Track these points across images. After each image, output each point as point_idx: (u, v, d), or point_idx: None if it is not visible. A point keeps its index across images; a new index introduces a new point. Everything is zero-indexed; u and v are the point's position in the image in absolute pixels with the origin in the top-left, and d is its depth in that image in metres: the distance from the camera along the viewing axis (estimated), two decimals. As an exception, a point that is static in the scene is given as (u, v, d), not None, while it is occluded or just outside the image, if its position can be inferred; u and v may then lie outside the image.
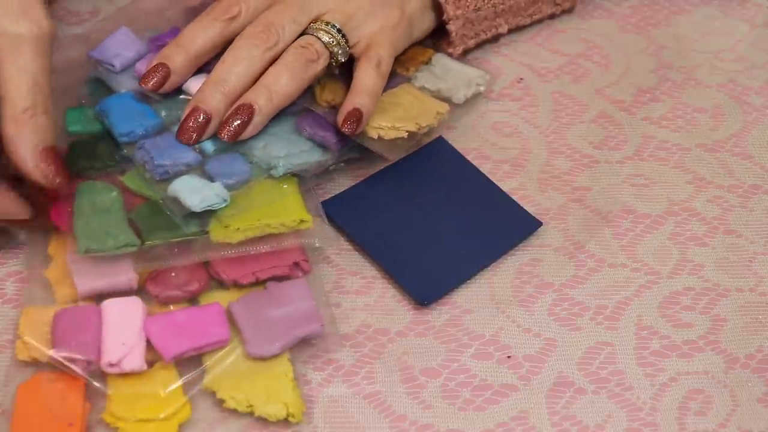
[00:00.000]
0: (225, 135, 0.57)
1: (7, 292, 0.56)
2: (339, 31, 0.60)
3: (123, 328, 0.52)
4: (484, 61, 0.71)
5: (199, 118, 0.57)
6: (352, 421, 0.52)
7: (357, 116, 0.58)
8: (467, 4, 0.66)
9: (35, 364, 0.52)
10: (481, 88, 0.66)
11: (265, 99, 0.57)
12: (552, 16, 0.74)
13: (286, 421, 0.51)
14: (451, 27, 0.66)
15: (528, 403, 0.53)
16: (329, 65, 0.60)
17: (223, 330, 0.53)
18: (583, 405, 0.53)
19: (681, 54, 0.73)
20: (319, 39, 0.60)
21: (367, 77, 0.60)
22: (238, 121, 0.57)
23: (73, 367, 0.51)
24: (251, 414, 0.51)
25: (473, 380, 0.54)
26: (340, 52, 0.60)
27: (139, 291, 0.55)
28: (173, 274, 0.55)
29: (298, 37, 0.60)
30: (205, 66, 0.61)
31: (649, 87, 0.70)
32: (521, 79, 0.70)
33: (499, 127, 0.67)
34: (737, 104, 0.70)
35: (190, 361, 0.53)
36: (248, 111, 0.57)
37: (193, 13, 0.67)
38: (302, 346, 0.54)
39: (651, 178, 0.65)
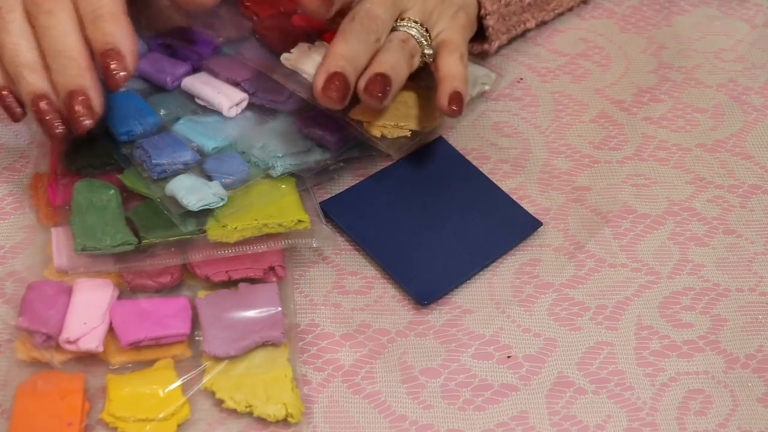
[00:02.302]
0: (372, 99, 0.56)
1: (7, 292, 0.56)
2: (422, 26, 0.60)
3: (88, 308, 0.53)
4: (484, 60, 0.71)
5: (339, 83, 0.55)
6: (352, 421, 0.52)
7: (459, 98, 0.59)
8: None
9: (35, 363, 0.52)
10: (486, 87, 0.67)
11: (392, 77, 0.57)
12: (571, 9, 0.75)
13: (285, 422, 0.51)
14: (489, 22, 0.67)
15: (528, 403, 0.53)
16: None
17: (184, 324, 0.53)
18: (583, 405, 0.53)
19: (681, 54, 0.73)
20: (411, 35, 0.60)
21: (456, 65, 0.60)
22: (380, 90, 0.56)
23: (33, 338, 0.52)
24: (250, 414, 0.51)
25: (473, 380, 0.54)
26: (426, 45, 0.60)
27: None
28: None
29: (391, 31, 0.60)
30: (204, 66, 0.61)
31: (649, 87, 0.70)
32: (521, 79, 0.70)
33: (499, 127, 0.67)
34: (737, 104, 0.70)
35: (189, 361, 0.53)
36: (387, 81, 0.57)
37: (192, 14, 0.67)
38: (302, 346, 0.54)
39: (651, 178, 0.65)
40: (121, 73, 0.51)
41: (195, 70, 0.63)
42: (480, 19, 0.67)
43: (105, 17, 0.51)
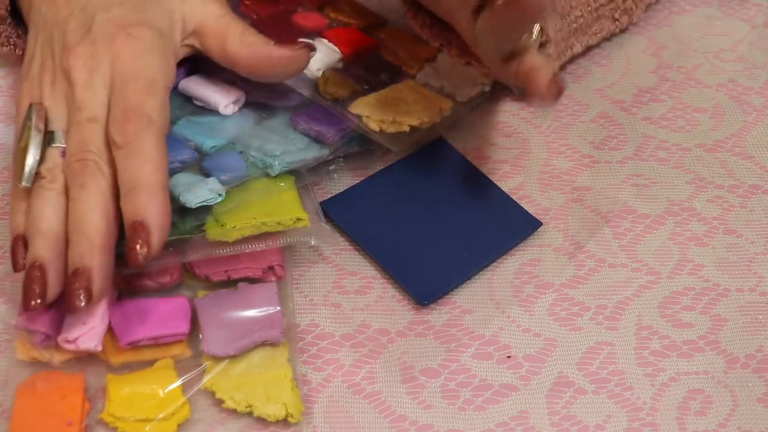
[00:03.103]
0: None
1: (6, 292, 0.56)
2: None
3: (87, 307, 0.52)
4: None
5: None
6: (352, 421, 0.52)
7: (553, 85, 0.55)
8: (554, 24, 0.65)
9: (35, 363, 0.52)
10: (487, 88, 0.66)
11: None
12: (612, 35, 0.73)
13: (285, 422, 0.51)
14: (549, 50, 0.63)
15: (528, 403, 0.53)
16: None
17: (184, 324, 0.53)
18: (583, 405, 0.53)
19: (681, 54, 0.73)
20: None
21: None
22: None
23: (32, 337, 0.51)
24: (250, 414, 0.51)
25: (473, 380, 0.54)
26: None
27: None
28: None
29: None
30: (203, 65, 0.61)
31: (649, 87, 0.70)
32: (521, 79, 0.70)
33: (499, 127, 0.67)
34: (737, 104, 0.70)
35: (189, 361, 0.53)
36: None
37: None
38: (302, 346, 0.54)
39: (651, 178, 0.65)
40: (143, 248, 0.49)
41: (192, 71, 0.63)
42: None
43: (140, 189, 0.50)
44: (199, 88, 0.61)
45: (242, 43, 0.57)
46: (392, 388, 0.53)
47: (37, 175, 0.52)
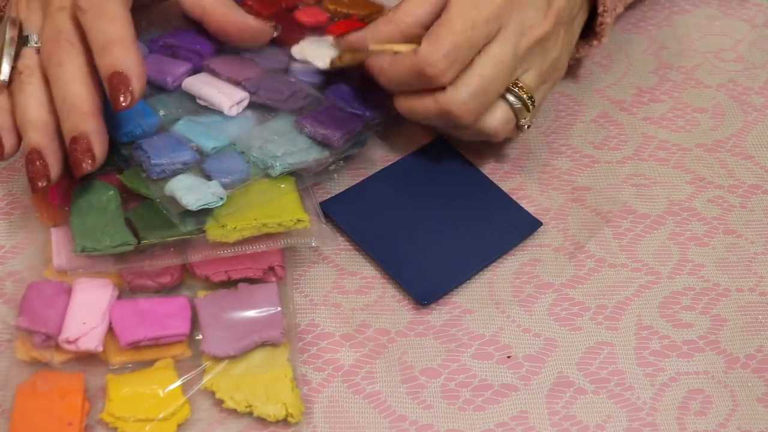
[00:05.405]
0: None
1: (6, 292, 0.56)
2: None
3: (88, 308, 0.53)
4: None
5: None
6: (352, 421, 0.52)
7: None
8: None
9: (35, 363, 0.52)
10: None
11: None
12: None
13: (285, 422, 0.51)
14: (606, 19, 0.65)
15: (528, 403, 0.53)
16: None
17: (184, 324, 0.53)
18: (583, 405, 0.53)
19: (681, 54, 0.73)
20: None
21: None
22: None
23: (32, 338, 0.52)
24: (250, 414, 0.51)
25: (473, 380, 0.54)
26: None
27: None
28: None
29: None
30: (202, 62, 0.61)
31: (649, 87, 0.70)
32: (521, 79, 0.70)
33: (499, 127, 0.67)
34: (737, 104, 0.70)
35: (189, 361, 0.53)
36: None
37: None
38: (302, 346, 0.54)
39: (651, 178, 0.65)
40: (127, 95, 0.52)
41: (196, 70, 0.63)
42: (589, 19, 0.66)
43: (112, 45, 0.52)
44: (203, 87, 0.61)
45: (223, 3, 0.60)
46: (392, 388, 0.53)
47: (15, 71, 0.55)
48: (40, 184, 0.53)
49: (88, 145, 0.53)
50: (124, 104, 0.52)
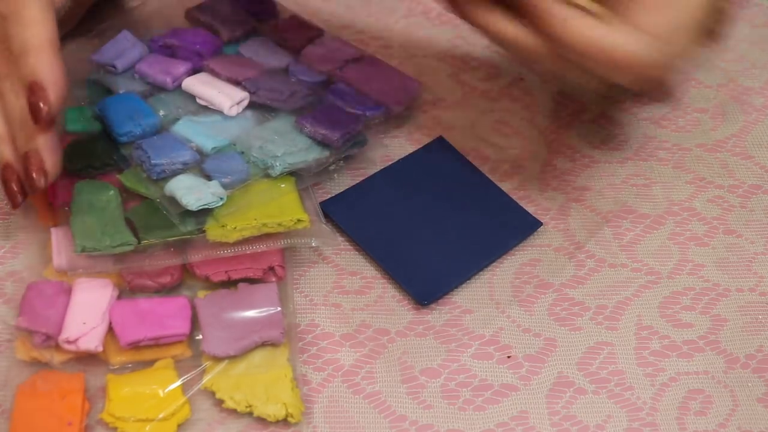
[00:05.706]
0: None
1: (6, 292, 0.56)
2: None
3: (88, 308, 0.53)
4: (485, 60, 0.71)
5: None
6: (352, 421, 0.52)
7: None
8: None
9: (35, 363, 0.52)
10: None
11: None
12: None
13: (285, 422, 0.51)
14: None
15: (528, 403, 0.53)
16: None
17: (184, 324, 0.53)
18: (583, 405, 0.53)
19: (681, 54, 0.73)
20: None
21: None
22: None
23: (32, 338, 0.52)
24: (250, 414, 0.51)
25: (473, 380, 0.54)
26: None
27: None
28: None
29: None
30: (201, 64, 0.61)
31: (649, 87, 0.70)
32: (521, 78, 0.70)
33: (499, 127, 0.67)
34: (737, 104, 0.70)
35: (189, 361, 0.53)
36: None
37: (192, 14, 0.67)
38: (302, 346, 0.54)
39: (651, 178, 0.65)
40: (45, 107, 0.49)
41: (196, 70, 0.63)
42: None
43: (26, 53, 0.50)
44: (203, 87, 0.61)
45: None
46: (392, 388, 0.54)
47: None
48: (17, 200, 0.52)
49: (40, 162, 0.51)
50: (40, 115, 0.49)
